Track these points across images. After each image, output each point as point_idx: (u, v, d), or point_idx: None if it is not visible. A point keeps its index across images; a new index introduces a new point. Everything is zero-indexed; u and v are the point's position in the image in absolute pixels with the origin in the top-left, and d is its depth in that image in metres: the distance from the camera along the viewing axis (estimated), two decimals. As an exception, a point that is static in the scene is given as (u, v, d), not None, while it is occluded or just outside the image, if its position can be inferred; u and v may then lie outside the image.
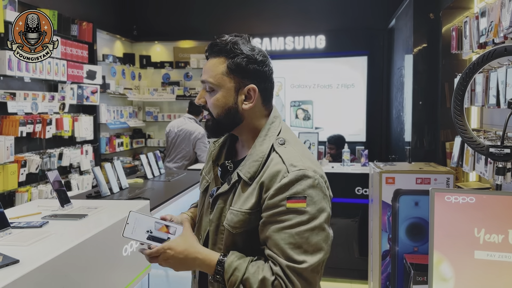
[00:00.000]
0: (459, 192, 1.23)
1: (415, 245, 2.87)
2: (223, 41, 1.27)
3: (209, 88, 1.25)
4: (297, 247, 1.09)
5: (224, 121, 1.26)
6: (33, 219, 2.09)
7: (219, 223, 1.25)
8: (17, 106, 3.60)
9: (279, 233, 1.11)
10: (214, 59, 1.26)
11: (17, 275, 1.40)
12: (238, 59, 1.23)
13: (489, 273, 1.18)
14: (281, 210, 1.11)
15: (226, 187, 1.25)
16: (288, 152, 1.20)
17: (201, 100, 1.28)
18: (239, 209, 1.18)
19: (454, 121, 1.57)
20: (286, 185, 1.12)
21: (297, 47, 5.68)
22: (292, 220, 1.10)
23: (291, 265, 1.08)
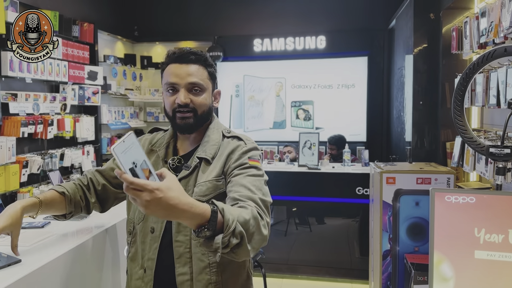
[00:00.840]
0: (459, 192, 1.23)
1: (415, 245, 2.88)
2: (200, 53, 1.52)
3: (196, 89, 1.49)
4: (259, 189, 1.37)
5: (204, 117, 1.52)
6: (35, 220, 2.10)
7: None
8: (18, 107, 3.61)
9: (245, 179, 1.38)
10: (193, 66, 1.49)
11: (19, 275, 1.41)
12: (213, 69, 1.55)
13: (490, 273, 1.19)
14: (245, 165, 1.43)
15: (186, 172, 1.48)
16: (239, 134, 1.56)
17: (188, 100, 1.47)
18: (205, 180, 1.44)
19: (454, 121, 1.58)
20: (247, 150, 1.47)
21: (297, 48, 5.69)
22: (253, 172, 1.41)
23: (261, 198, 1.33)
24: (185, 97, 1.46)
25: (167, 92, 1.50)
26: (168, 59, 1.52)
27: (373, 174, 3.32)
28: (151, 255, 1.48)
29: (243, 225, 1.17)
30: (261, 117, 5.93)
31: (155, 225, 1.48)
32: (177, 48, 1.53)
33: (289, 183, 4.22)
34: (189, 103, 1.47)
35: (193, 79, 1.47)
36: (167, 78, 1.49)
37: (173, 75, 1.47)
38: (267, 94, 5.89)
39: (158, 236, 1.46)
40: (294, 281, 4.12)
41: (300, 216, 4.97)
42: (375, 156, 4.94)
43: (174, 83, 1.47)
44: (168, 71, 1.50)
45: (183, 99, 1.45)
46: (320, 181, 4.23)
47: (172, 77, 1.47)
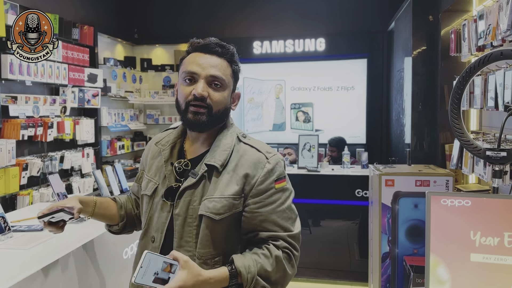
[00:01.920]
0: (455, 196, 1.24)
1: (414, 247, 2.88)
2: (228, 47, 1.36)
3: (217, 84, 1.31)
4: (289, 218, 1.30)
5: (218, 117, 1.33)
6: (34, 223, 2.10)
7: (186, 216, 1.30)
8: (18, 109, 3.62)
9: (275, 213, 1.27)
10: (219, 59, 1.33)
11: (18, 278, 1.41)
12: (237, 68, 1.39)
13: (485, 275, 1.19)
14: (272, 191, 1.29)
15: (192, 180, 1.31)
16: (255, 142, 1.37)
17: (205, 93, 1.29)
18: (221, 196, 1.27)
19: (451, 124, 1.58)
20: (271, 170, 1.30)
21: (297, 50, 5.70)
22: (281, 198, 1.30)
23: (290, 234, 1.28)
24: (203, 89, 1.29)
25: (183, 81, 1.32)
26: (191, 47, 1.36)
27: (372, 176, 3.32)
28: None
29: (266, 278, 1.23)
30: (260, 119, 5.94)
31: (156, 234, 1.35)
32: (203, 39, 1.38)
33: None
34: (206, 97, 1.29)
35: (216, 72, 1.30)
36: (187, 66, 1.32)
37: (194, 63, 1.30)
38: (266, 96, 5.90)
39: (157, 247, 1.33)
40: (294, 283, 4.13)
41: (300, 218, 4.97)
42: (375, 158, 4.94)
43: (194, 72, 1.29)
44: (189, 59, 1.33)
45: (201, 90, 1.28)
46: (319, 183, 4.23)
47: (193, 66, 1.30)
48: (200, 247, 1.27)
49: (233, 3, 5.93)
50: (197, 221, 1.28)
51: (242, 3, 5.91)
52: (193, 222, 1.28)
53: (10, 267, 1.52)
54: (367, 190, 3.89)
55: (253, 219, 1.28)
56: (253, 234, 1.29)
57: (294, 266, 1.30)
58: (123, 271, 2.08)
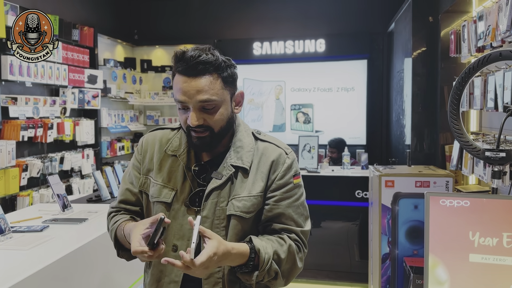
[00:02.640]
0: (454, 196, 1.23)
1: (414, 248, 2.87)
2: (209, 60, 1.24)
3: (211, 106, 1.25)
4: (301, 215, 1.33)
5: (224, 132, 1.31)
6: (34, 223, 2.11)
7: (213, 218, 1.29)
8: (18, 110, 3.63)
9: (291, 207, 1.31)
10: (204, 78, 1.24)
11: (17, 279, 1.41)
12: (230, 71, 1.29)
13: (484, 276, 1.19)
14: (291, 186, 1.32)
15: (218, 181, 1.30)
16: (271, 138, 1.39)
17: (200, 121, 1.25)
18: (249, 194, 1.29)
19: (450, 125, 1.58)
20: (290, 166, 1.33)
21: (297, 51, 5.70)
22: (297, 194, 1.34)
23: (303, 230, 1.31)
24: (197, 119, 1.25)
25: (178, 108, 1.29)
26: (174, 67, 1.28)
27: (372, 178, 3.32)
28: (174, 277, 1.32)
29: (278, 263, 1.24)
30: (260, 120, 5.94)
31: (179, 242, 1.30)
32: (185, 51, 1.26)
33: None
34: (203, 124, 1.26)
35: (204, 96, 1.23)
36: (176, 95, 1.27)
37: (181, 92, 1.24)
38: (266, 97, 5.91)
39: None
40: (294, 285, 4.12)
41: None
42: (375, 159, 4.94)
43: (183, 102, 1.25)
44: (176, 85, 1.26)
45: (194, 121, 1.24)
46: (319, 184, 4.23)
47: (180, 95, 1.24)
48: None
49: (233, 4, 5.93)
50: (225, 222, 1.29)
51: (242, 4, 5.91)
52: (220, 223, 1.29)
53: (10, 268, 1.52)
54: (367, 191, 3.89)
55: (270, 211, 1.31)
56: (267, 224, 1.32)
57: (302, 261, 1.32)
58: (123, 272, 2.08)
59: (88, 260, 1.83)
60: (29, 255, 1.65)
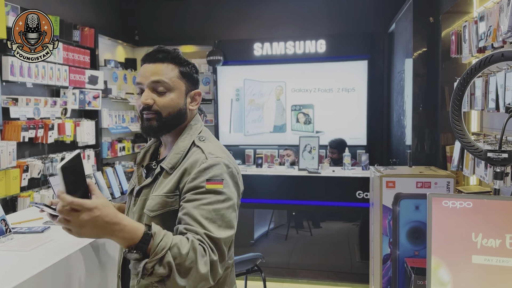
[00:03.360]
0: (456, 197, 1.23)
1: (416, 249, 2.87)
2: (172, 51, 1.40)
3: (162, 89, 1.36)
4: (213, 222, 1.20)
5: (171, 120, 1.38)
6: (35, 225, 2.10)
7: (141, 214, 1.37)
8: (19, 111, 3.63)
9: (198, 209, 1.21)
10: (162, 64, 1.37)
11: (18, 280, 1.41)
12: (188, 68, 1.41)
13: (487, 277, 1.19)
14: (201, 190, 1.24)
15: (149, 180, 1.40)
16: (208, 145, 1.37)
17: (149, 101, 1.35)
18: (157, 194, 1.33)
19: (452, 126, 1.58)
20: (205, 169, 1.27)
21: (297, 52, 5.70)
22: (209, 199, 1.23)
23: (208, 234, 1.17)
24: (147, 97, 1.35)
25: (137, 94, 1.42)
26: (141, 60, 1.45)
27: (373, 178, 3.32)
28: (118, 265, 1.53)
29: (176, 257, 1.10)
30: (261, 121, 5.94)
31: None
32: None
33: (289, 187, 4.22)
34: (152, 104, 1.35)
35: (157, 77, 1.35)
36: (137, 78, 1.42)
37: (140, 75, 1.39)
38: (267, 98, 5.90)
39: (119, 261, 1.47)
40: (295, 285, 4.12)
41: (301, 220, 4.97)
42: (376, 159, 4.94)
43: (139, 82, 1.38)
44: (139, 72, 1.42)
45: (144, 99, 1.35)
46: (320, 185, 4.23)
47: (139, 77, 1.39)
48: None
49: (233, 5, 5.93)
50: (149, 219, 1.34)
51: (243, 4, 5.91)
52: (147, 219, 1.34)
53: (11, 269, 1.51)
54: (368, 192, 3.89)
55: (180, 212, 1.25)
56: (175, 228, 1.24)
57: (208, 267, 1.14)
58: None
59: (89, 262, 1.83)
60: (30, 256, 1.65)
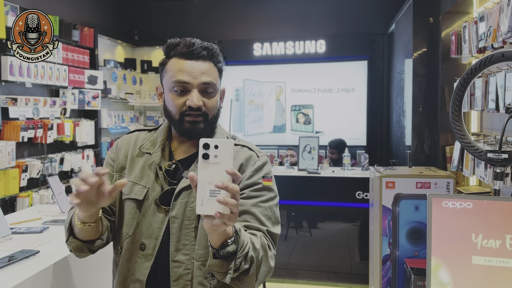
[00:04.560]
0: (456, 198, 1.23)
1: (415, 249, 2.87)
2: (212, 47, 1.30)
3: (212, 91, 1.28)
4: (269, 218, 1.25)
5: (214, 122, 1.33)
6: (34, 225, 2.10)
7: (183, 218, 1.26)
8: (18, 111, 3.62)
9: (256, 207, 1.24)
10: (205, 63, 1.28)
11: (17, 281, 1.41)
12: (222, 65, 1.34)
13: (487, 278, 1.18)
14: (259, 187, 1.27)
15: (188, 181, 1.23)
16: (246, 143, 1.36)
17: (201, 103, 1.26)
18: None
19: (452, 126, 1.58)
20: (260, 167, 1.30)
21: (297, 52, 5.70)
22: (266, 196, 1.27)
23: (270, 230, 1.22)
24: (199, 99, 1.25)
25: (173, 91, 1.27)
26: (173, 51, 1.31)
27: (373, 179, 3.31)
28: (139, 275, 1.27)
29: (254, 252, 1.12)
30: (261, 121, 5.94)
31: (147, 241, 1.27)
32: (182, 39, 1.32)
33: (289, 187, 4.22)
34: (202, 106, 1.26)
35: (207, 78, 1.26)
36: (175, 75, 1.26)
37: (184, 72, 1.25)
38: (267, 98, 5.90)
39: (151, 254, 1.26)
40: (294, 286, 4.11)
41: (300, 220, 4.97)
42: (375, 160, 4.94)
43: (185, 82, 1.24)
44: (176, 67, 1.27)
45: (197, 101, 1.24)
46: (320, 185, 4.23)
47: (183, 75, 1.25)
48: (198, 248, 1.24)
49: (233, 4, 5.93)
50: (195, 223, 1.25)
51: (243, 5, 5.91)
52: (190, 224, 1.25)
53: (9, 270, 1.51)
54: (368, 192, 3.88)
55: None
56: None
57: (273, 261, 1.20)
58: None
59: (88, 262, 1.82)
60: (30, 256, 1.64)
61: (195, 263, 1.23)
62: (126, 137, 1.43)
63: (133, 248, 1.28)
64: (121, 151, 1.39)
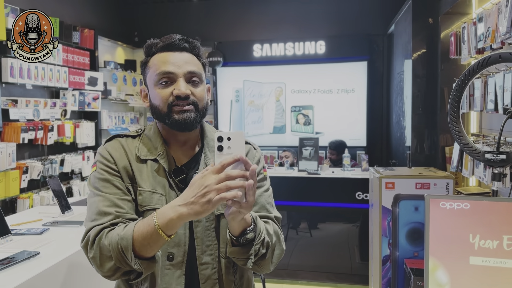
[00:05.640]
0: (454, 199, 1.23)
1: (415, 250, 2.87)
2: (193, 41, 1.30)
3: (197, 80, 1.26)
4: (272, 205, 1.35)
5: (204, 113, 1.29)
6: (34, 226, 2.11)
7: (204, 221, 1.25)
8: (19, 113, 3.63)
9: (263, 196, 1.32)
10: (189, 54, 1.27)
11: (17, 282, 1.41)
12: (205, 61, 1.34)
13: (484, 278, 1.19)
14: (261, 177, 1.33)
15: None
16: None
17: (189, 91, 1.23)
18: None
19: (450, 127, 1.58)
20: (260, 159, 1.38)
21: (297, 53, 5.70)
22: (267, 185, 1.36)
23: (276, 216, 1.32)
24: (186, 88, 1.22)
25: (159, 85, 1.23)
26: (154, 48, 1.28)
27: (372, 179, 3.31)
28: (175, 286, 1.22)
29: (269, 237, 1.21)
30: (261, 122, 5.95)
31: (175, 250, 1.22)
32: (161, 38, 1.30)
33: (289, 188, 4.23)
34: (190, 95, 1.23)
35: (192, 67, 1.24)
36: (159, 68, 1.23)
37: (168, 63, 1.23)
38: (267, 99, 5.91)
39: (181, 262, 1.22)
40: (294, 287, 4.12)
41: (300, 221, 4.97)
42: (375, 160, 4.95)
43: (170, 72, 1.22)
44: (159, 60, 1.25)
45: (184, 89, 1.21)
46: (320, 186, 4.23)
47: (168, 66, 1.22)
48: (223, 246, 1.25)
49: (233, 6, 5.94)
50: (214, 223, 1.26)
51: (242, 6, 5.92)
52: (210, 225, 1.25)
53: (10, 271, 1.51)
54: (368, 193, 3.89)
55: None
56: None
57: (284, 243, 1.30)
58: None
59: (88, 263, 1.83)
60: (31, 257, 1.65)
61: (222, 260, 1.25)
62: (112, 146, 1.29)
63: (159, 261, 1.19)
64: (119, 160, 1.26)
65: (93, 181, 1.24)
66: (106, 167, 1.24)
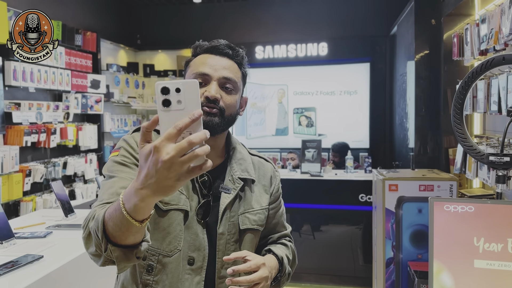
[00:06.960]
0: (458, 201, 1.23)
1: (419, 252, 2.86)
2: (238, 49, 1.30)
3: (230, 87, 1.23)
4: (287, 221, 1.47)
5: (229, 121, 1.24)
6: (37, 230, 2.11)
7: (227, 234, 1.23)
8: (22, 116, 3.64)
9: (282, 215, 1.42)
10: (229, 61, 1.26)
11: (20, 286, 1.41)
12: (246, 72, 1.33)
13: (489, 282, 1.18)
14: (281, 197, 1.43)
15: (230, 196, 1.23)
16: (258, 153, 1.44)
17: (219, 95, 1.19)
18: (261, 207, 1.31)
19: (454, 129, 1.57)
20: (280, 179, 1.43)
21: (299, 55, 5.70)
22: (282, 202, 1.44)
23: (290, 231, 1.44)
24: (217, 91, 1.19)
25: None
26: (198, 49, 1.29)
27: (376, 181, 3.31)
28: None
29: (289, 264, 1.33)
30: (263, 124, 5.94)
31: (195, 254, 1.20)
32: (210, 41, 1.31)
33: (292, 191, 4.22)
34: (219, 100, 1.20)
35: (228, 73, 1.23)
36: (197, 68, 1.22)
37: (205, 65, 1.22)
38: (269, 101, 5.91)
39: (200, 267, 1.19)
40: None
41: (303, 223, 4.95)
42: (378, 162, 4.93)
43: (205, 73, 1.21)
44: (198, 61, 1.25)
45: (214, 92, 1.18)
46: (322, 188, 4.22)
47: (204, 67, 1.22)
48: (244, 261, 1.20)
49: (235, 8, 5.95)
50: (235, 237, 1.24)
51: (244, 8, 5.92)
52: (231, 238, 1.24)
53: (13, 275, 1.51)
54: (371, 195, 3.88)
55: (270, 222, 1.37)
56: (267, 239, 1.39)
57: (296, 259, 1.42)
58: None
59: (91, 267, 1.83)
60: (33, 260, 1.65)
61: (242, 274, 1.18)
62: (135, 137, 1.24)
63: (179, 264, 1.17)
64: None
65: (110, 165, 1.18)
66: (129, 155, 1.20)
